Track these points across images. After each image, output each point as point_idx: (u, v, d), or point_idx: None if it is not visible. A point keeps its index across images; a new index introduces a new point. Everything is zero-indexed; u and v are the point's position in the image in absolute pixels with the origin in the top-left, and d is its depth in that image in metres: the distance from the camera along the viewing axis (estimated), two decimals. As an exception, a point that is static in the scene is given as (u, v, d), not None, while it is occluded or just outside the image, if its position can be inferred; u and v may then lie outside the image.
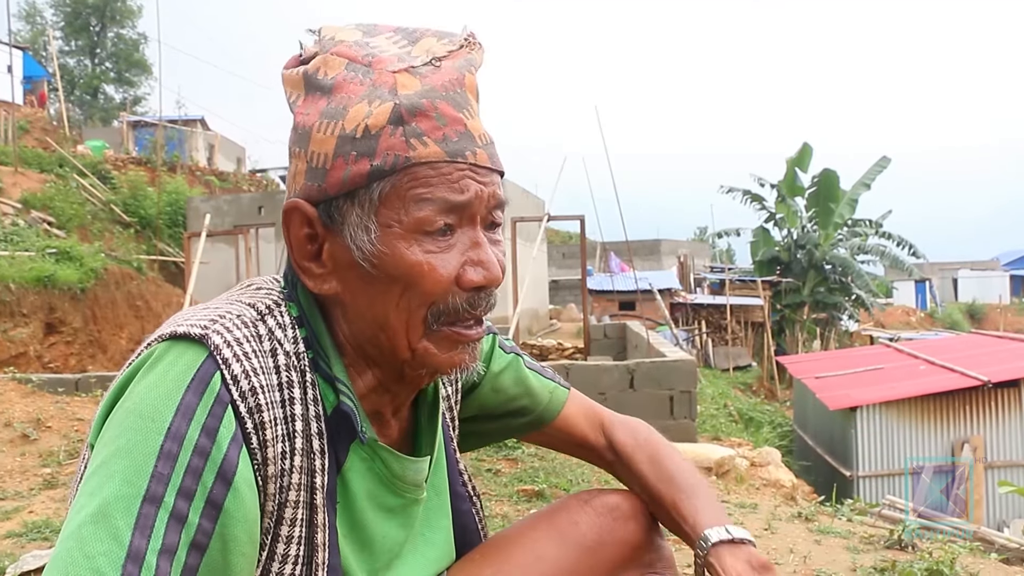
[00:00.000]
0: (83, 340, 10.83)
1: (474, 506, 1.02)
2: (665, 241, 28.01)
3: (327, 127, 0.76)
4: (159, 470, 0.66)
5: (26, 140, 17.80)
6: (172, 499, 0.66)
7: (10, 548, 3.31)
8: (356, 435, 0.81)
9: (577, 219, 11.55)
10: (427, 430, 0.94)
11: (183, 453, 0.67)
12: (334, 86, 0.77)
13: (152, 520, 0.64)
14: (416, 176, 0.75)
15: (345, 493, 0.83)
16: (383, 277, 0.77)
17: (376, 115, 0.75)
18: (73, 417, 5.33)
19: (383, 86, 0.76)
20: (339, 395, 0.80)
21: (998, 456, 9.02)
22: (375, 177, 0.75)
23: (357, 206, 0.76)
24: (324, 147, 0.76)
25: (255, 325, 0.78)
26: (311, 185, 0.78)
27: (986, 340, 13.49)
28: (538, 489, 3.91)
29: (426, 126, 0.75)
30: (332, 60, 0.78)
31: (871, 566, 2.99)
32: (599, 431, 1.07)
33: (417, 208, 0.75)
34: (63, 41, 33.13)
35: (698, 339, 19.47)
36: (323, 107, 0.77)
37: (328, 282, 0.80)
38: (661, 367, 6.85)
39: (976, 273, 41.43)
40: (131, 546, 0.63)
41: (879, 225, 22.40)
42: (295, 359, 0.78)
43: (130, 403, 0.70)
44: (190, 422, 0.68)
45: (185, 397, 0.69)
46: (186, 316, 0.77)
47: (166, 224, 16.39)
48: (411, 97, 0.75)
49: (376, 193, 0.75)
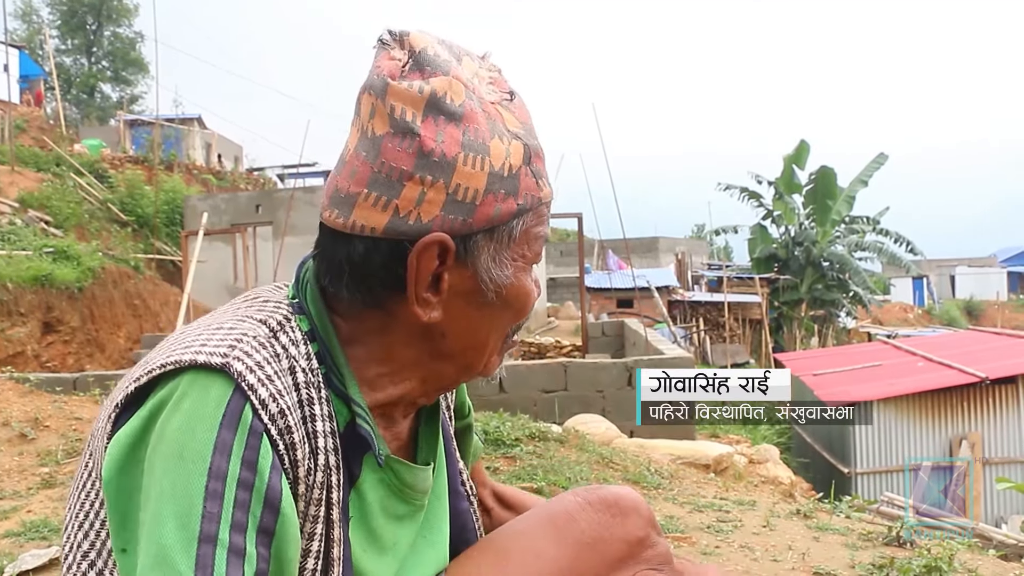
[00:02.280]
0: (81, 339, 10.82)
1: (472, 505, 1.02)
2: (663, 239, 28.04)
3: (475, 161, 0.76)
4: (209, 510, 0.67)
5: (23, 139, 17.77)
6: (227, 535, 0.67)
7: (8, 548, 3.31)
8: (369, 450, 0.83)
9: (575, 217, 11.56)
10: (427, 434, 0.95)
11: (228, 490, 0.69)
12: (464, 116, 0.76)
13: (211, 559, 0.66)
14: (540, 215, 0.83)
15: (362, 506, 0.84)
16: (500, 303, 0.82)
17: (514, 155, 0.78)
18: (71, 416, 5.32)
19: (497, 120, 0.79)
20: (354, 415, 0.81)
21: (996, 452, 9.04)
22: (518, 215, 0.80)
23: (494, 241, 0.80)
24: (473, 182, 0.76)
25: (271, 344, 0.77)
26: (453, 219, 0.77)
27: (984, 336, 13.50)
28: (536, 487, 3.91)
29: (541, 167, 0.82)
30: (456, 86, 0.76)
31: (870, 563, 2.99)
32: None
33: (536, 244, 0.83)
34: (59, 40, 33.11)
35: (696, 336, 19.48)
36: (460, 137, 0.75)
37: (436, 310, 0.81)
38: (659, 365, 6.84)
39: (974, 270, 41.51)
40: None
41: (876, 222, 22.44)
42: (311, 375, 0.79)
43: (166, 447, 0.70)
44: (230, 458, 0.69)
45: (220, 434, 0.70)
46: (200, 339, 0.75)
47: (163, 223, 16.38)
48: (527, 137, 0.80)
49: (517, 230, 0.80)
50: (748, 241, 23.93)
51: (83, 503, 0.78)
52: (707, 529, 3.49)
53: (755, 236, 23.44)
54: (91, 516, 0.76)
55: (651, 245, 26.92)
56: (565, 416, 6.63)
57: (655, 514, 1.03)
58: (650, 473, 4.55)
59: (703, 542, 3.31)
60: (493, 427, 4.84)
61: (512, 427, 4.93)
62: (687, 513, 3.77)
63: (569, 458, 4.60)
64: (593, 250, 23.20)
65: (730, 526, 3.57)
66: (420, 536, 0.92)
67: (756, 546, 3.27)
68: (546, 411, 7.02)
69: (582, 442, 5.03)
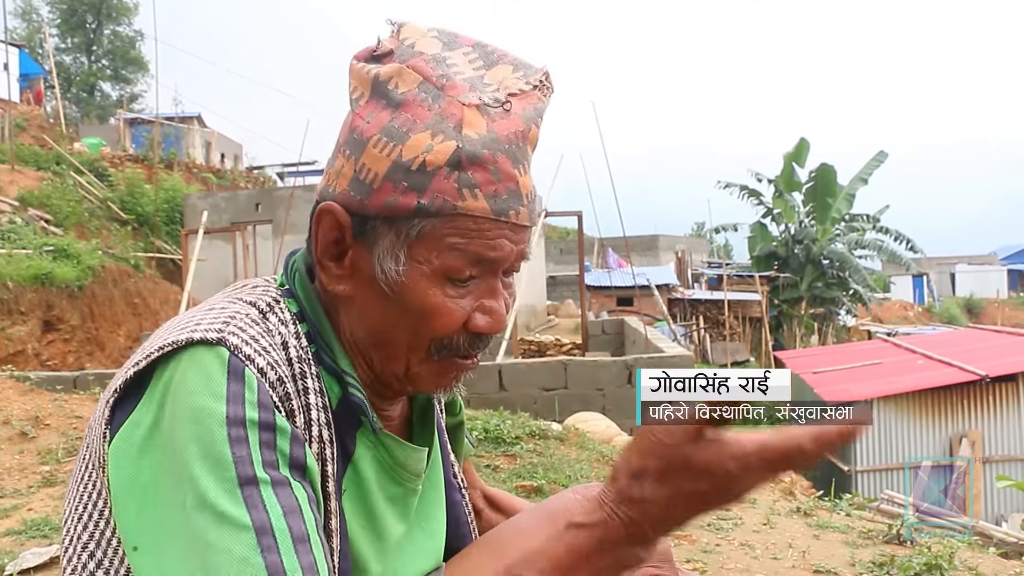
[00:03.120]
0: (81, 338, 10.82)
1: (464, 498, 1.03)
2: (663, 237, 28.02)
3: (384, 146, 0.76)
4: (238, 454, 0.68)
5: (23, 138, 17.76)
6: (265, 473, 0.68)
7: (9, 546, 3.31)
8: (361, 424, 0.83)
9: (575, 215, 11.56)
10: (420, 423, 0.95)
11: (250, 432, 0.69)
12: (402, 103, 0.77)
13: (259, 498, 0.67)
14: (458, 226, 0.76)
15: (359, 482, 0.83)
16: (398, 303, 0.79)
17: (436, 152, 0.75)
18: (71, 415, 5.33)
19: (449, 119, 0.75)
20: (346, 387, 0.81)
21: (996, 450, 9.04)
22: (419, 214, 0.76)
23: (393, 233, 0.77)
24: (377, 165, 0.76)
25: (263, 322, 0.79)
26: (353, 196, 0.78)
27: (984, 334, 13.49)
28: (537, 485, 3.92)
29: (481, 178, 0.76)
30: (407, 74, 0.77)
31: (870, 560, 2.99)
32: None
33: (450, 256, 0.77)
34: (59, 38, 33.08)
35: (696, 335, 19.48)
36: (385, 122, 0.77)
37: (343, 283, 0.82)
38: (659, 363, 6.85)
39: (974, 268, 41.48)
40: (255, 524, 0.65)
41: (876, 220, 22.43)
42: (302, 351, 0.80)
43: (181, 419, 0.70)
44: (244, 404, 0.70)
45: (230, 388, 0.70)
46: (194, 320, 0.76)
47: (163, 221, 16.37)
48: (474, 144, 0.75)
49: (416, 229, 0.76)
50: (748, 239, 23.92)
51: (82, 495, 0.77)
52: (707, 527, 3.49)
53: (755, 234, 23.43)
54: (90, 508, 0.76)
55: (651, 243, 26.91)
56: (565, 414, 6.63)
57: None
58: (650, 471, 4.54)
59: (703, 540, 3.31)
60: (493, 425, 4.84)
61: (512, 425, 4.93)
62: (687, 511, 3.77)
63: (569, 456, 4.61)
64: (593, 248, 23.21)
65: (730, 524, 3.57)
66: (417, 526, 0.92)
67: (756, 544, 3.28)
68: (546, 409, 7.02)
69: (582, 440, 5.03)
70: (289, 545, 0.66)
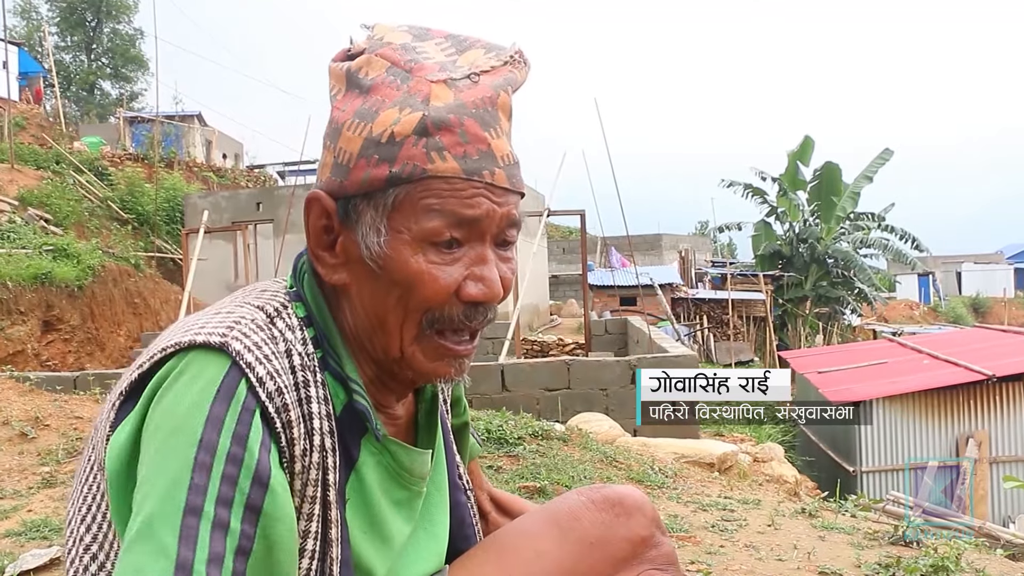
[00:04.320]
0: (81, 338, 10.82)
1: (469, 499, 1.03)
2: (666, 236, 27.96)
3: (356, 127, 0.79)
4: (196, 482, 0.68)
5: (22, 137, 17.76)
6: (212, 508, 0.68)
7: (9, 547, 3.29)
8: (367, 431, 0.84)
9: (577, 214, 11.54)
10: (426, 425, 0.96)
11: (216, 463, 0.69)
12: (371, 87, 0.80)
13: (195, 531, 0.66)
14: (430, 188, 0.78)
15: (362, 489, 0.84)
16: (386, 278, 0.80)
17: (403, 123, 0.77)
18: (72, 415, 5.31)
19: (417, 95, 0.78)
20: (351, 393, 0.82)
21: (1003, 451, 8.98)
22: (392, 183, 0.78)
23: (372, 208, 0.79)
24: (351, 146, 0.79)
25: (268, 328, 0.80)
26: (334, 180, 0.81)
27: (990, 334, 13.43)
28: (540, 485, 3.89)
29: (448, 141, 0.77)
30: (375, 61, 0.81)
31: (875, 562, 2.96)
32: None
33: (427, 219, 0.78)
34: (59, 37, 33.08)
35: (700, 334, 19.46)
36: (357, 106, 0.80)
37: (338, 272, 0.83)
38: (663, 363, 6.82)
39: (980, 266, 41.37)
40: (179, 558, 0.65)
41: (882, 218, 22.36)
42: (307, 359, 0.81)
43: (160, 423, 0.71)
44: (220, 432, 0.70)
45: (213, 408, 0.71)
46: (199, 323, 0.78)
47: (164, 221, 16.38)
48: (440, 110, 0.77)
49: (391, 199, 0.78)
50: (752, 238, 23.90)
51: (85, 496, 0.78)
52: (711, 528, 3.46)
53: (759, 233, 23.40)
54: (93, 509, 0.77)
55: (654, 242, 26.86)
56: (568, 414, 6.60)
57: (659, 513, 1.03)
58: (654, 472, 4.52)
59: (708, 541, 3.27)
60: (496, 426, 4.81)
61: (515, 426, 4.90)
62: (691, 512, 3.74)
63: (572, 457, 4.57)
64: (596, 247, 23.14)
65: (735, 525, 3.54)
66: (420, 528, 0.92)
67: (761, 545, 3.24)
68: (549, 409, 6.99)
69: (585, 441, 5.00)
70: None
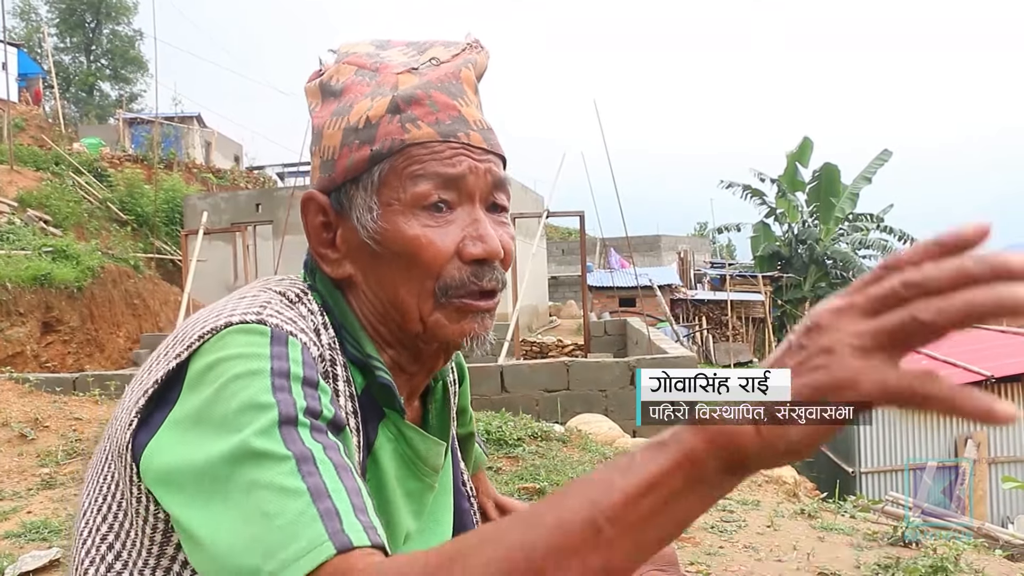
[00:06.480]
0: (80, 339, 10.80)
1: (472, 507, 1.03)
2: (665, 237, 27.96)
3: (335, 123, 0.84)
4: (280, 398, 0.67)
5: (22, 138, 17.75)
6: (305, 418, 0.67)
7: (8, 549, 3.29)
8: (383, 416, 0.84)
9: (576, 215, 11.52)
10: (437, 418, 0.96)
11: (294, 384, 0.69)
12: (343, 89, 0.85)
13: (297, 436, 0.65)
14: (411, 155, 0.81)
15: (378, 473, 0.84)
16: (388, 253, 0.82)
17: (376, 107, 0.82)
18: (71, 416, 5.30)
19: (386, 85, 0.83)
20: (374, 371, 0.83)
21: (1002, 452, 8.99)
22: (375, 161, 0.81)
23: (361, 189, 0.82)
24: (332, 141, 0.84)
25: (296, 308, 0.81)
26: (323, 177, 0.85)
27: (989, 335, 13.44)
28: (539, 487, 3.89)
29: (420, 112, 0.81)
30: (344, 68, 0.87)
31: (875, 563, 2.96)
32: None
33: (413, 184, 0.80)
34: (58, 38, 33.06)
35: (699, 335, 19.46)
36: (334, 108, 0.85)
37: (343, 266, 0.85)
38: (662, 364, 6.82)
39: (976, 267, 41.36)
40: (296, 454, 0.64)
41: (880, 219, 22.39)
42: (331, 340, 0.82)
43: (223, 383, 0.68)
44: (288, 360, 0.70)
45: (273, 348, 0.71)
46: (228, 308, 0.76)
47: (163, 222, 16.37)
48: (407, 89, 0.82)
49: (377, 175, 0.81)
50: (751, 239, 23.91)
51: (101, 486, 0.78)
52: (711, 529, 3.46)
53: (758, 234, 23.41)
54: (108, 499, 0.77)
55: (653, 243, 26.86)
56: (567, 415, 6.60)
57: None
58: (653, 473, 4.52)
59: (707, 542, 3.28)
60: (495, 427, 4.82)
61: (514, 427, 4.91)
62: (691, 513, 3.74)
63: (572, 458, 4.58)
64: (595, 248, 23.15)
65: (734, 526, 3.54)
66: (427, 527, 0.92)
67: (760, 546, 3.25)
68: (548, 410, 6.99)
69: (585, 442, 5.00)
70: (331, 470, 0.64)
